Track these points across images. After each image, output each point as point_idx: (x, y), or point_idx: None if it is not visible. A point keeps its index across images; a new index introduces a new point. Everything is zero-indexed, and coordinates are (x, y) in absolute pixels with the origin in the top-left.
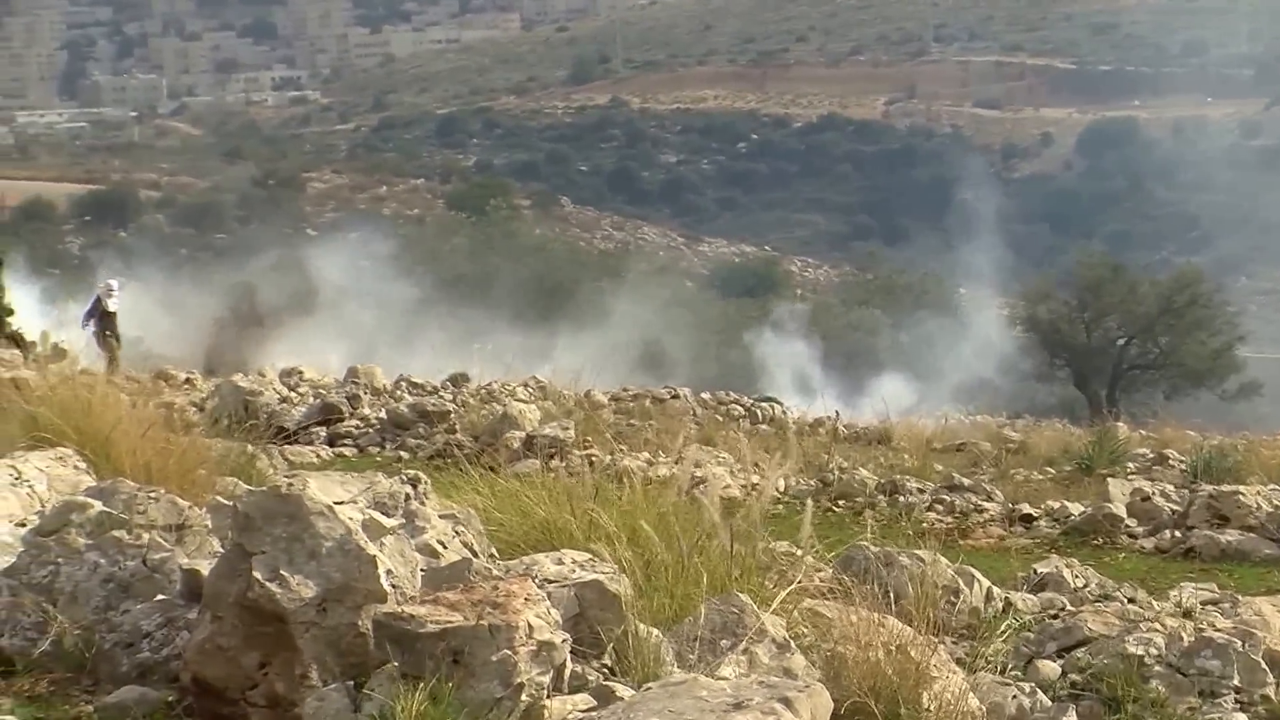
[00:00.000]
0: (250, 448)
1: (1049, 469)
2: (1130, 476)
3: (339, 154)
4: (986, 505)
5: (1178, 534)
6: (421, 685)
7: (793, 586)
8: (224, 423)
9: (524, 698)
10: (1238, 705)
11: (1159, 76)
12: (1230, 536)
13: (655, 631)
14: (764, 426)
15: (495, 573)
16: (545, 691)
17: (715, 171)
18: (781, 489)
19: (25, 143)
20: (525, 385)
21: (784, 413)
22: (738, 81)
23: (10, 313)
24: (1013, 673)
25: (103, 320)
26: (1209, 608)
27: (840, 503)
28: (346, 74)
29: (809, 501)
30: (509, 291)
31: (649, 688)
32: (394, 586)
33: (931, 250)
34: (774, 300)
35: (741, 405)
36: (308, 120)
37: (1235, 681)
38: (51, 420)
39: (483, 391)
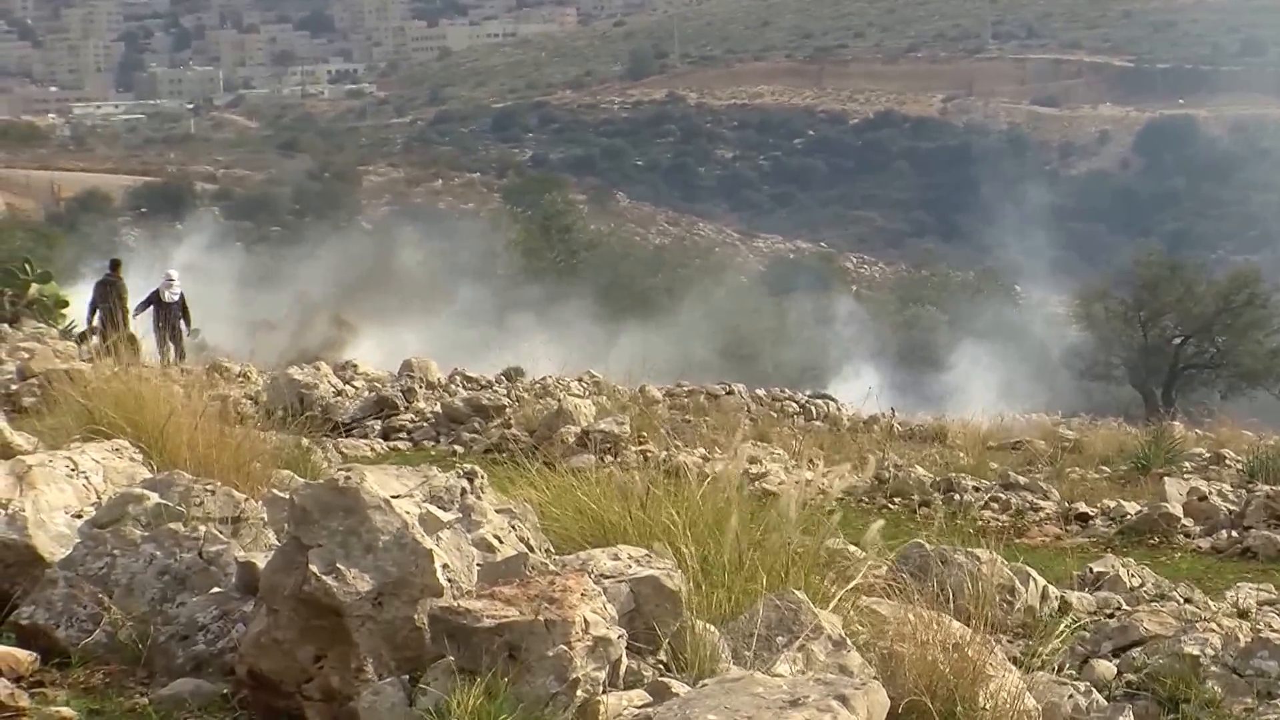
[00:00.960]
0: (305, 441)
1: (1105, 468)
2: (1187, 476)
3: (395, 147)
4: (1042, 504)
5: (1234, 534)
6: (477, 680)
7: (851, 585)
8: (278, 416)
9: (579, 693)
10: None
11: (1217, 75)
12: None
13: (711, 628)
14: (818, 423)
15: (551, 568)
16: (601, 687)
17: (771, 167)
18: (843, 489)
19: (82, 134)
20: (580, 380)
21: (838, 409)
22: (794, 77)
23: (65, 304)
24: (1068, 672)
25: (159, 311)
26: (1266, 608)
27: (895, 500)
28: (403, 67)
29: (879, 518)
30: (564, 286)
31: (705, 684)
32: (450, 581)
33: (988, 248)
34: (830, 297)
35: (796, 402)
36: (363, 114)
37: None
38: (106, 412)
39: (537, 386)
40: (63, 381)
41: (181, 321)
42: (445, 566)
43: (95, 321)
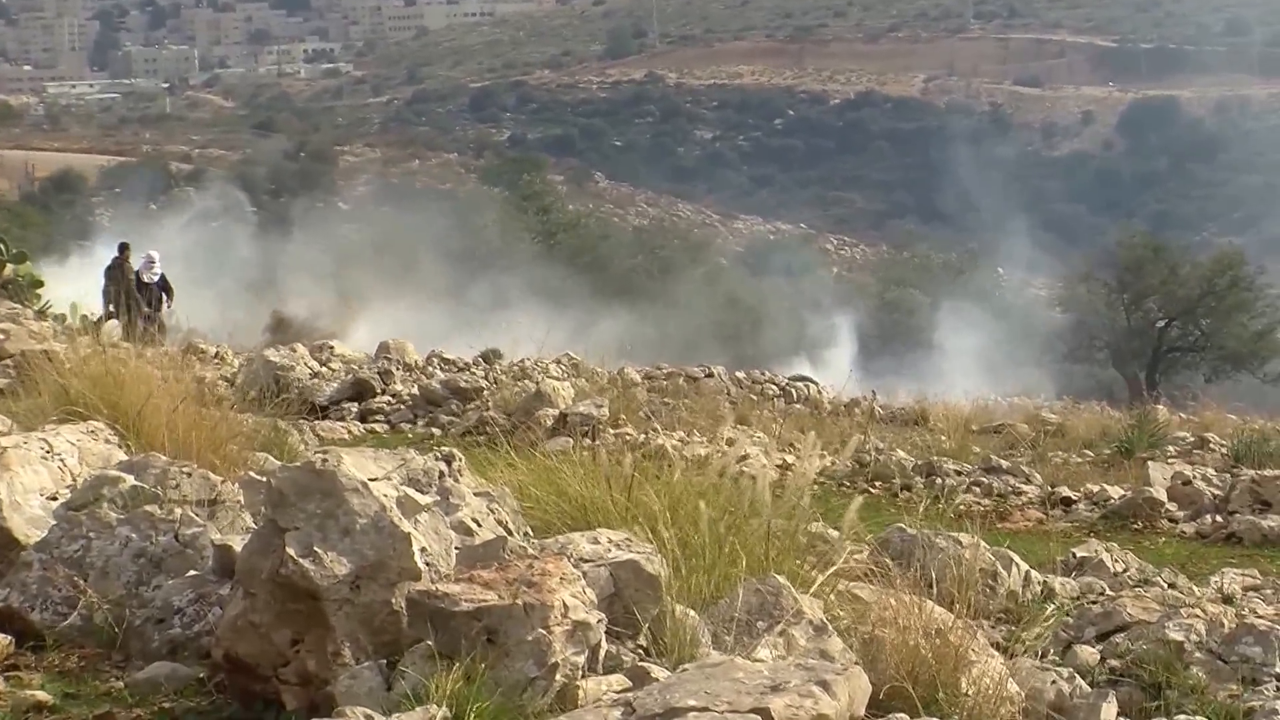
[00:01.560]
0: (282, 423)
1: (1088, 452)
2: (1170, 460)
3: (371, 127)
4: (1025, 488)
5: (1219, 519)
6: (455, 664)
7: (832, 569)
8: (255, 398)
9: (558, 678)
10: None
11: (1202, 55)
12: (1272, 521)
13: (692, 612)
14: (798, 406)
15: (530, 551)
16: (580, 672)
17: (751, 148)
18: (818, 470)
19: (56, 114)
20: (558, 362)
21: (819, 392)
22: (775, 57)
23: (40, 284)
24: (1051, 658)
25: (141, 291)
26: (1250, 594)
27: (877, 484)
28: (379, 47)
29: (857, 494)
30: (541, 268)
31: (685, 669)
32: (428, 564)
33: (970, 229)
34: (810, 279)
35: (776, 385)
36: (340, 93)
37: (1277, 669)
38: (83, 393)
39: (515, 368)
40: (38, 362)
41: (165, 302)
42: (423, 550)
43: (110, 308)
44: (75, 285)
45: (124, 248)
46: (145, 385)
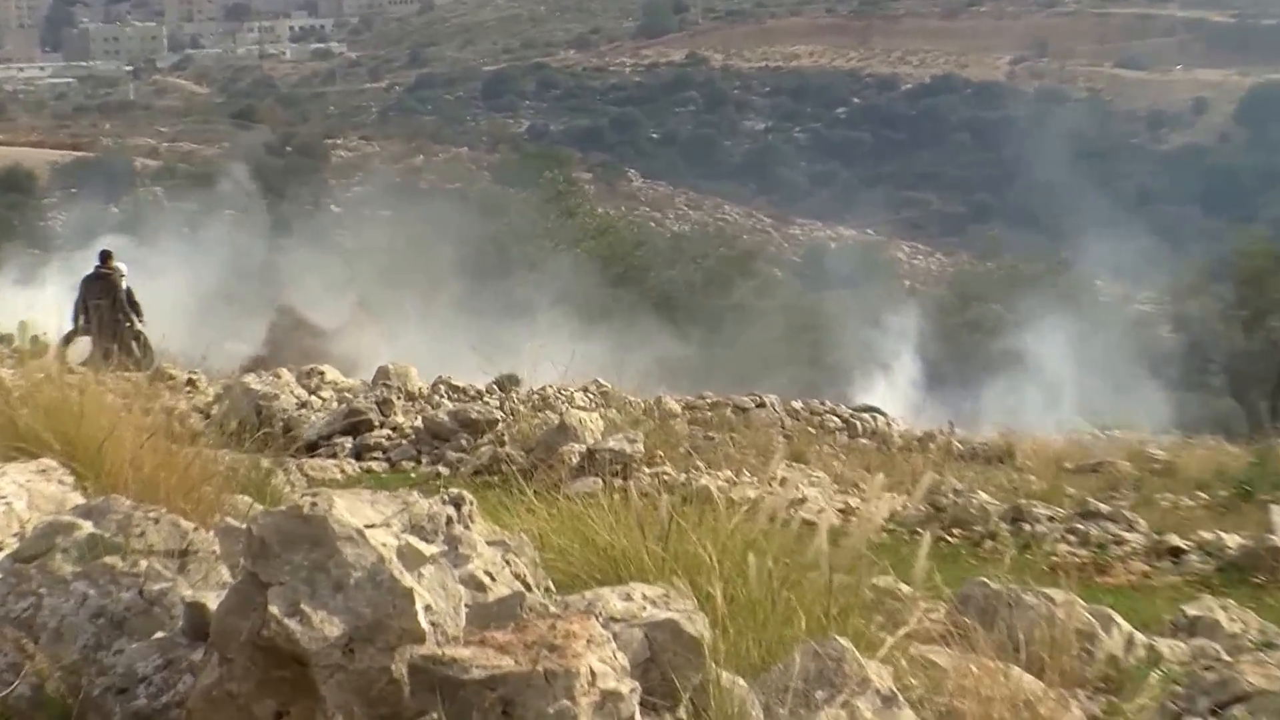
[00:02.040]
0: (265, 461)
1: (1201, 494)
2: None
3: (368, 117)
4: (1127, 536)
5: None
6: None
7: (903, 630)
8: (233, 431)
9: None
10: None
11: None
12: None
13: (740, 680)
14: (865, 441)
15: (552, 609)
16: None
17: (810, 141)
18: (886, 515)
19: (1, 102)
20: (585, 390)
21: (888, 425)
22: (837, 35)
23: None
24: None
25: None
26: None
27: (955, 531)
28: (377, 24)
29: (926, 533)
30: (566, 281)
31: None
32: (433, 625)
33: (1063, 235)
34: (877, 293)
35: (838, 416)
36: (332, 78)
37: None
38: (33, 426)
39: (535, 397)
40: None
41: (134, 317)
42: (428, 608)
43: (82, 323)
44: (24, 300)
45: (106, 256)
46: (107, 417)
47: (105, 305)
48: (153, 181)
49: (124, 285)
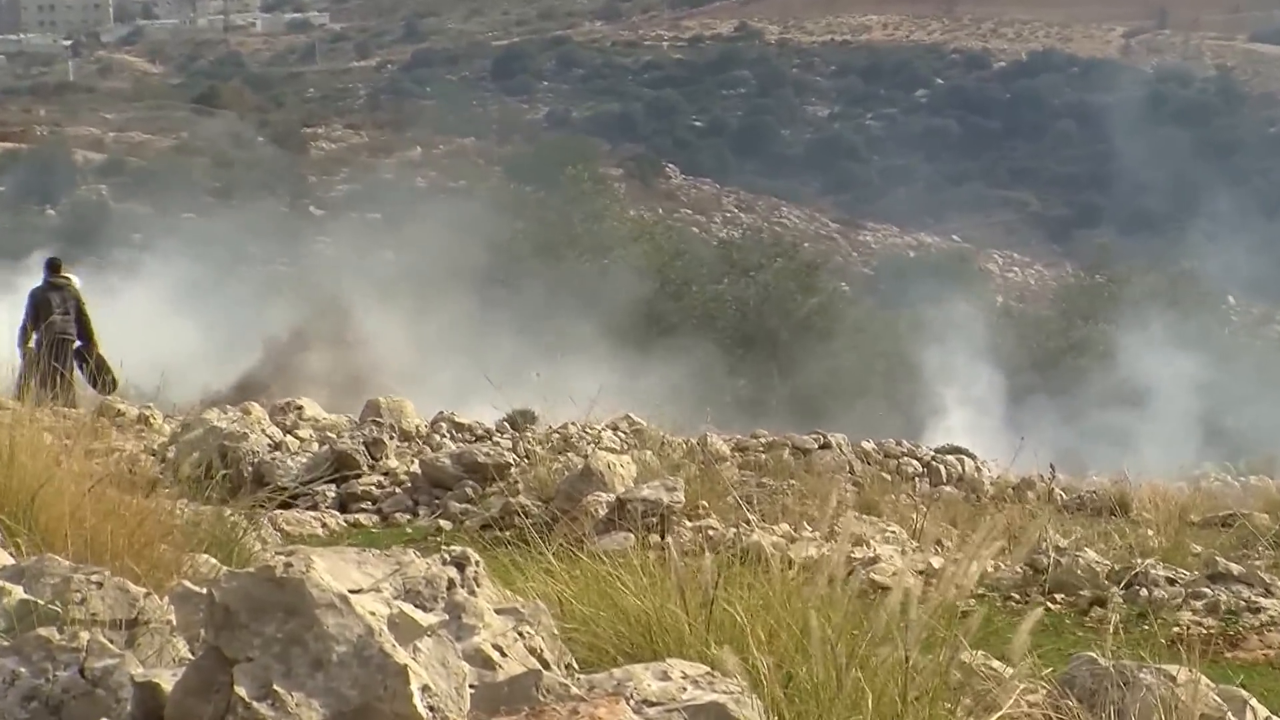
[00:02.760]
0: (231, 513)
1: None
2: None
3: (355, 102)
4: (1263, 602)
5: None
6: None
7: (997, 716)
8: (194, 478)
9: None
10: None
11: None
12: None
13: None
14: (949, 489)
15: (574, 691)
16: None
17: (884, 130)
18: (976, 577)
19: None
20: (615, 428)
21: (977, 469)
22: (916, 4)
23: None
24: None
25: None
26: None
27: (1058, 597)
28: None
29: (1031, 603)
30: (591, 297)
31: None
32: (432, 709)
33: (1187, 243)
34: (965, 311)
35: (918, 459)
36: (311, 54)
37: None
38: None
39: (555, 437)
40: None
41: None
42: (426, 689)
43: (32, 344)
44: None
45: (56, 264)
46: (42, 461)
47: (61, 321)
48: (97, 178)
49: (81, 300)
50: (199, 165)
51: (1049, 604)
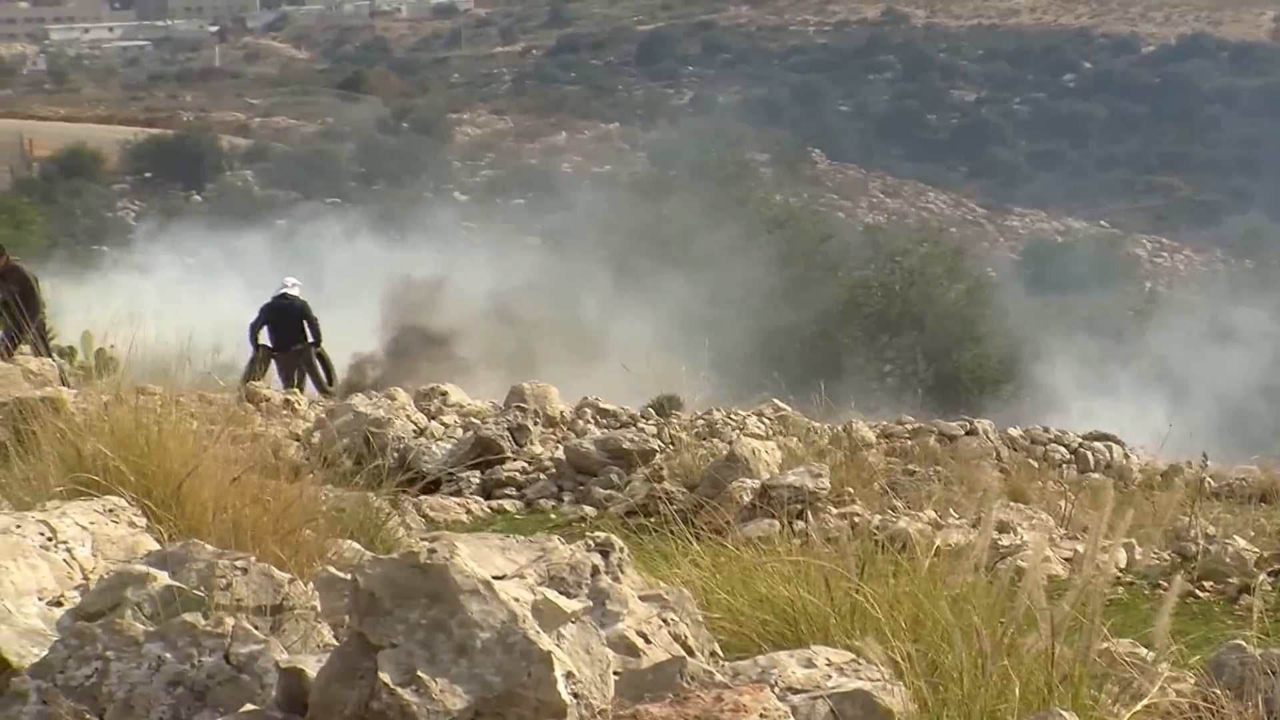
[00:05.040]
0: (375, 499)
1: None
2: None
3: (500, 87)
4: None
5: None
6: None
7: (1143, 704)
8: (340, 464)
9: None
10: None
11: None
12: None
13: None
14: (1096, 475)
15: (719, 678)
16: None
17: (1031, 114)
18: (1123, 564)
19: (62, 68)
20: (759, 414)
21: (1125, 456)
22: None
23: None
24: None
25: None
26: None
27: (1207, 585)
28: None
29: (1173, 583)
30: (736, 281)
31: None
32: (576, 696)
33: None
34: (1114, 296)
35: (1065, 445)
36: (456, 40)
37: None
38: (101, 457)
39: (699, 423)
40: (37, 414)
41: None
42: (569, 675)
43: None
44: (90, 307)
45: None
46: (188, 447)
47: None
48: (243, 164)
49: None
50: (343, 151)
51: (1198, 592)
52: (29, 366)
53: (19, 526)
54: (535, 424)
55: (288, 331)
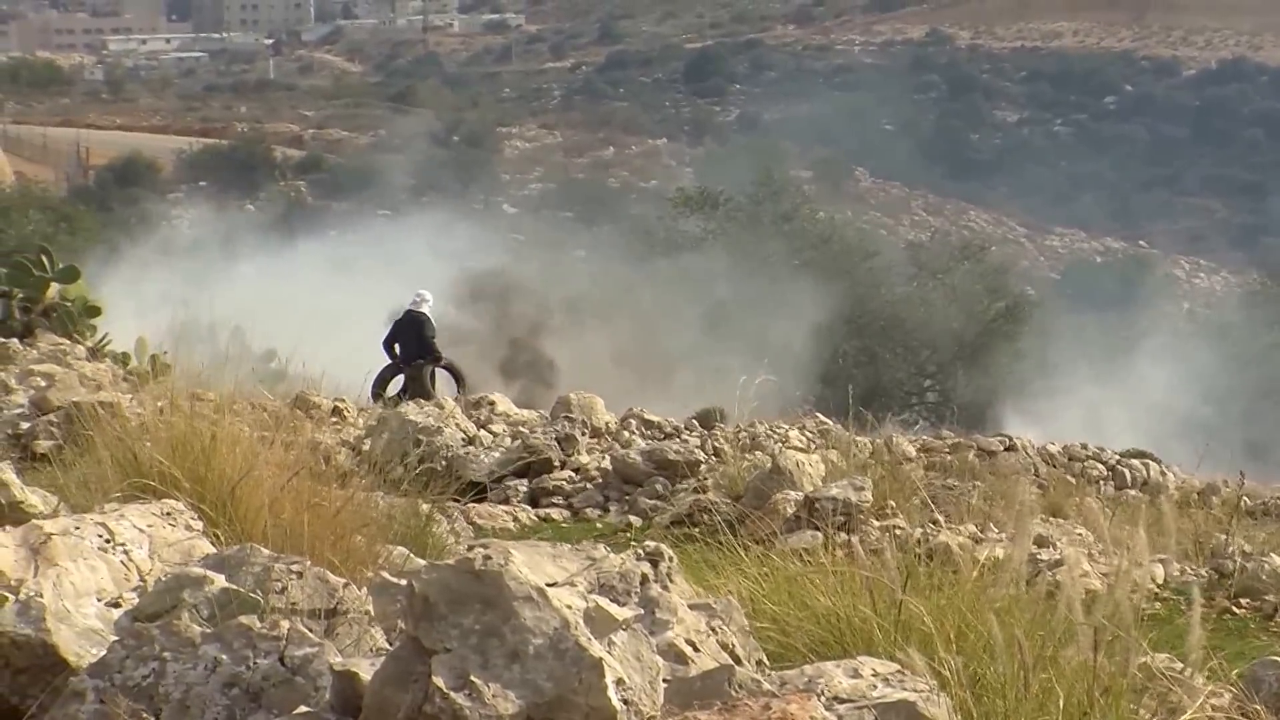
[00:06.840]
0: (425, 506)
1: None
2: None
3: (550, 102)
4: None
5: None
6: None
7: (1183, 718)
8: (391, 471)
9: None
10: None
11: None
12: None
13: None
14: (1133, 492)
15: (766, 686)
16: None
17: (1073, 135)
18: (1160, 580)
19: (119, 79)
20: (803, 428)
21: (1162, 474)
22: (1107, 10)
23: (97, 312)
24: None
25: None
26: None
27: (1243, 602)
28: None
29: (1195, 598)
30: (781, 296)
31: None
32: (626, 702)
33: None
34: (1152, 316)
35: (1102, 462)
36: (507, 55)
37: None
38: (156, 461)
39: (744, 435)
40: (94, 418)
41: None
42: (620, 682)
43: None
44: (144, 313)
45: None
46: (241, 452)
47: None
48: (295, 175)
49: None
50: (395, 163)
51: (1234, 609)
52: (84, 370)
53: (78, 528)
54: (582, 434)
55: (408, 345)
